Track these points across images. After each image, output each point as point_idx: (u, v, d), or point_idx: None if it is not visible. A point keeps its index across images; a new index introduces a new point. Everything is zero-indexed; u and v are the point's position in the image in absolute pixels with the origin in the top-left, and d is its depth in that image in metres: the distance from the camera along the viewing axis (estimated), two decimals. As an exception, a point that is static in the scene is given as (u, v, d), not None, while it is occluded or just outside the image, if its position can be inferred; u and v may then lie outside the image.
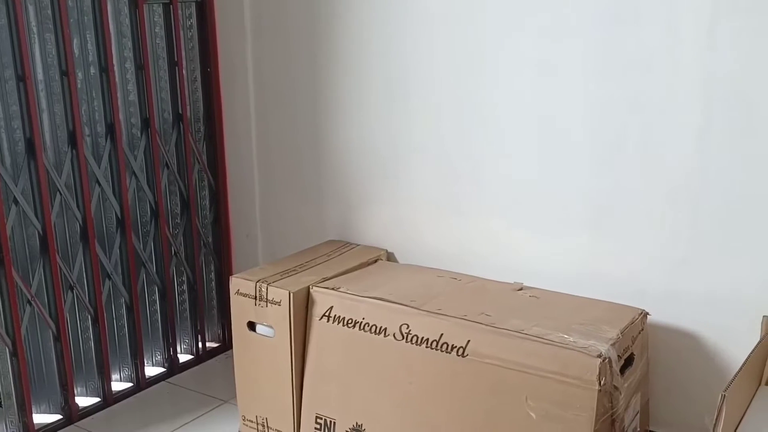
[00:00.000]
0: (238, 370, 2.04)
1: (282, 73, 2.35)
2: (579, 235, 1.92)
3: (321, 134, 2.30)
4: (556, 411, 1.56)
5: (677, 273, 1.80)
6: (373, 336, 1.80)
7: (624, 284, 1.87)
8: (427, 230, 2.16)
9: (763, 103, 1.63)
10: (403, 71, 2.10)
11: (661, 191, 1.79)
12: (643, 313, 1.77)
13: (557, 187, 1.93)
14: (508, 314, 1.73)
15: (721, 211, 1.72)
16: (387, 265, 2.15)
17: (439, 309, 1.76)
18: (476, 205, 2.06)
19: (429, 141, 2.11)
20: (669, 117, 1.74)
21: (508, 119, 1.96)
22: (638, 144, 1.79)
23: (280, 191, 2.46)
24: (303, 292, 1.90)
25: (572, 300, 1.86)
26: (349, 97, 2.22)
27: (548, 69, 1.87)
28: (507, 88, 1.94)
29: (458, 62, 2.01)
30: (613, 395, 1.58)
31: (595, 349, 1.54)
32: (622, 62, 1.77)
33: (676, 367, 1.86)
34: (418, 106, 2.10)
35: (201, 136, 2.45)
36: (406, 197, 2.19)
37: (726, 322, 1.77)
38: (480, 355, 1.66)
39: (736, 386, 1.37)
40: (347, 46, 2.18)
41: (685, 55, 1.70)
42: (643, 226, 1.83)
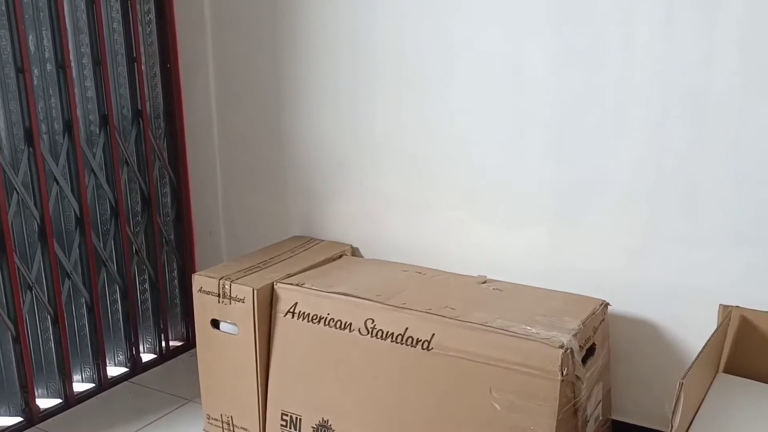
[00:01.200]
0: (201, 368, 2.02)
1: (244, 67, 2.33)
2: (541, 227, 1.95)
3: (284, 129, 2.29)
4: (519, 402, 1.58)
5: (636, 263, 1.84)
6: (338, 331, 1.80)
7: (585, 275, 1.90)
8: (392, 225, 2.17)
9: (716, 94, 1.66)
10: (368, 66, 2.10)
11: (619, 183, 1.81)
12: (603, 304, 1.80)
13: (520, 181, 1.95)
14: (472, 307, 1.74)
15: (676, 202, 1.76)
16: (352, 260, 2.16)
17: (403, 303, 1.76)
18: (440, 200, 2.07)
19: (393, 136, 2.11)
20: (625, 110, 1.77)
21: (470, 114, 1.97)
22: (597, 137, 1.82)
23: (243, 187, 2.44)
24: (267, 289, 1.89)
25: (535, 292, 1.88)
26: (313, 92, 2.21)
27: (510, 65, 1.89)
28: (469, 84, 1.96)
29: (423, 59, 2.01)
30: (576, 385, 1.60)
31: (557, 340, 1.57)
32: (580, 56, 1.79)
33: (637, 356, 1.90)
34: (382, 101, 2.10)
35: (161, 132, 2.42)
36: (370, 192, 2.19)
37: (684, 311, 1.80)
38: (445, 348, 1.67)
39: (693, 374, 1.39)
40: (311, 41, 2.17)
41: (640, 48, 1.72)
42: (603, 218, 1.86)
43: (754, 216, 1.68)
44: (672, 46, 1.69)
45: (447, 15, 1.95)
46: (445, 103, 2.01)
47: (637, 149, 1.78)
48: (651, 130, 1.75)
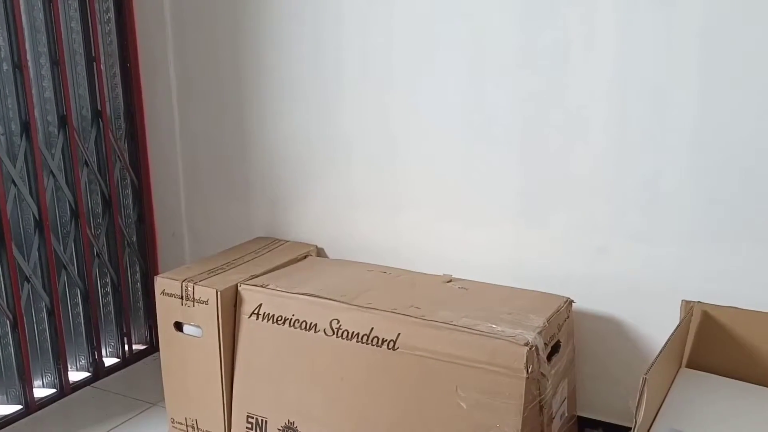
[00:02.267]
0: (165, 371, 1.99)
1: (206, 66, 2.30)
2: (505, 226, 1.95)
3: (248, 129, 2.27)
4: (485, 400, 1.58)
5: (599, 261, 1.85)
6: (303, 332, 1.79)
7: (550, 273, 1.91)
8: (357, 225, 2.16)
9: (674, 93, 1.68)
10: (333, 66, 2.09)
11: (582, 181, 1.83)
12: (568, 301, 1.81)
13: (484, 180, 1.95)
14: (438, 306, 1.74)
15: (638, 200, 1.77)
16: (317, 261, 2.14)
17: (369, 303, 1.75)
18: (405, 199, 2.07)
19: (357, 136, 2.10)
20: (587, 109, 1.78)
21: (434, 114, 1.97)
22: (559, 135, 1.83)
23: (206, 188, 2.41)
24: (231, 291, 1.87)
25: (500, 290, 1.88)
26: (278, 91, 2.19)
27: (473, 65, 1.89)
28: (433, 83, 1.95)
29: (387, 58, 2.00)
30: (541, 382, 1.61)
31: (522, 338, 1.57)
32: (542, 56, 1.80)
33: (601, 353, 1.91)
34: (346, 100, 2.09)
35: (122, 133, 2.39)
36: (335, 192, 2.18)
37: (647, 306, 1.82)
38: (410, 348, 1.66)
39: (656, 369, 1.40)
40: (275, 39, 2.15)
41: (600, 47, 1.73)
42: (567, 216, 1.87)
43: (713, 212, 1.70)
44: (631, 45, 1.70)
45: (412, 16, 1.94)
46: (409, 103, 2.00)
47: (599, 147, 1.79)
48: (612, 128, 1.76)
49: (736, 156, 1.65)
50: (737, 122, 1.64)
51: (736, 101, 1.63)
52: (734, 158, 1.65)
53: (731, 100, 1.63)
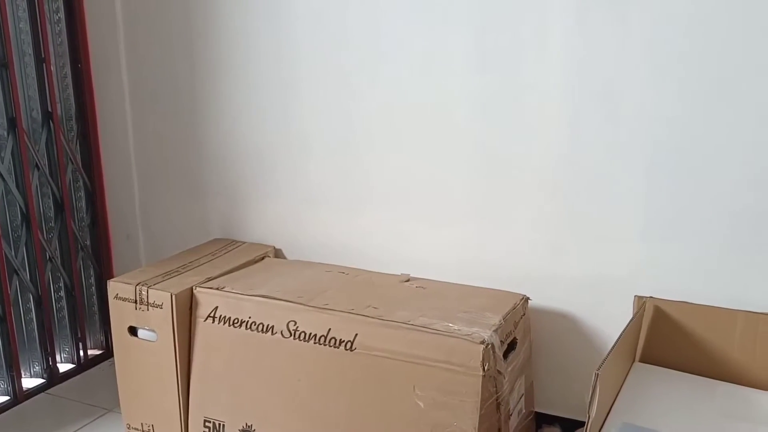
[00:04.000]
0: (120, 377, 1.96)
1: (158, 65, 2.27)
2: (463, 225, 1.96)
3: (203, 129, 2.25)
4: (443, 398, 1.59)
5: (555, 258, 1.87)
6: (260, 335, 1.77)
7: (506, 271, 1.92)
8: (315, 225, 2.15)
9: (627, 93, 1.70)
10: (290, 64, 2.07)
11: (538, 180, 1.84)
12: (524, 299, 1.83)
13: (441, 179, 1.95)
14: (395, 306, 1.74)
15: (592, 198, 1.79)
16: (274, 262, 2.13)
17: (326, 304, 1.75)
18: (363, 199, 2.07)
19: (315, 135, 2.09)
20: (543, 108, 1.79)
21: (393, 113, 1.97)
22: (516, 134, 1.84)
23: (161, 190, 2.38)
24: (186, 294, 1.85)
25: (457, 289, 1.89)
26: (232, 90, 2.17)
27: (432, 63, 1.89)
28: (392, 83, 1.95)
29: (344, 56, 2.00)
30: (497, 379, 1.62)
31: (478, 336, 1.58)
32: (499, 55, 1.81)
33: (558, 349, 1.93)
34: (304, 99, 2.08)
35: (74, 134, 2.34)
36: (292, 192, 2.17)
37: (601, 303, 1.84)
38: (368, 348, 1.66)
39: (609, 364, 1.42)
40: (231, 38, 2.13)
41: (555, 47, 1.75)
42: (523, 215, 1.88)
43: (664, 210, 1.73)
44: (584, 45, 1.72)
45: (371, 13, 1.94)
46: (368, 101, 2.00)
47: (555, 146, 1.81)
48: (567, 129, 1.78)
49: (685, 156, 1.68)
50: (687, 123, 1.66)
51: (687, 102, 1.65)
52: (684, 158, 1.68)
53: (682, 101, 1.66)
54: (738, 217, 1.66)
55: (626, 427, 1.45)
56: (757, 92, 1.59)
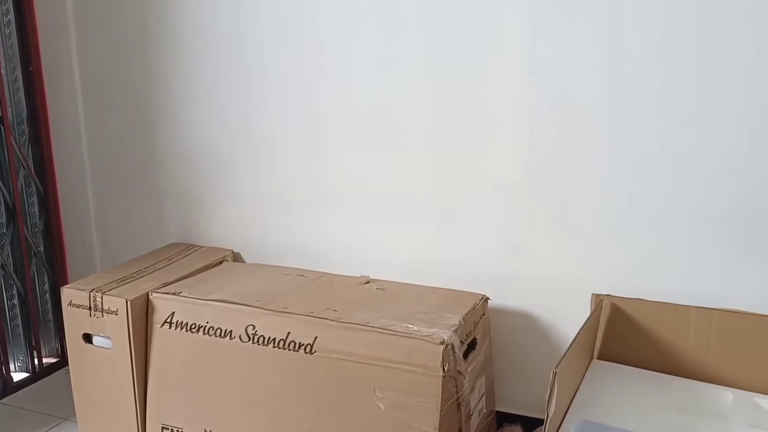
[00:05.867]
0: (75, 385, 1.93)
1: (113, 67, 2.23)
2: (421, 225, 1.96)
3: (158, 132, 2.22)
4: (403, 400, 1.58)
5: (513, 257, 1.88)
6: (218, 339, 1.75)
7: (466, 271, 1.93)
8: (273, 228, 2.14)
9: (579, 93, 1.72)
10: (249, 65, 2.05)
11: (495, 179, 1.85)
12: (483, 299, 1.83)
13: (399, 180, 1.95)
14: (355, 308, 1.73)
15: (548, 197, 1.81)
16: (232, 266, 2.11)
17: (285, 308, 1.73)
18: (320, 200, 2.05)
19: (270, 136, 2.07)
20: (498, 109, 1.80)
21: (347, 113, 1.96)
22: (472, 134, 1.85)
23: (116, 194, 2.34)
24: (142, 299, 1.82)
25: (417, 290, 1.89)
26: (188, 93, 2.14)
27: (387, 64, 1.89)
28: (347, 83, 1.95)
29: (298, 57, 1.98)
30: (458, 380, 1.62)
31: (438, 337, 1.58)
32: (455, 56, 1.81)
33: (517, 348, 1.94)
34: (263, 101, 2.06)
35: (25, 139, 2.29)
36: (249, 195, 2.15)
37: (560, 301, 1.86)
38: (327, 351, 1.65)
39: (567, 362, 1.43)
40: (188, 39, 2.10)
41: (509, 48, 1.76)
42: (481, 215, 1.89)
43: (617, 209, 1.75)
44: (541, 45, 1.73)
45: (333, 14, 1.93)
46: (322, 102, 1.99)
47: (510, 146, 1.82)
48: (521, 127, 1.79)
49: (640, 155, 1.70)
50: (644, 121, 1.68)
51: (637, 103, 1.68)
52: (639, 157, 1.70)
53: (632, 102, 1.68)
54: (691, 214, 1.69)
55: (584, 424, 1.46)
56: (712, 91, 1.61)
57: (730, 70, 1.59)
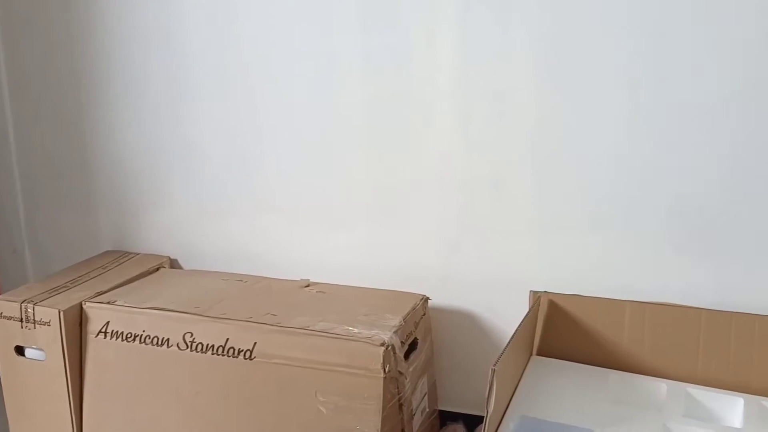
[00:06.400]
0: (7, 399, 1.86)
1: (41, 72, 2.17)
2: (360, 227, 1.96)
3: (91, 137, 2.16)
4: (345, 403, 1.58)
5: (453, 256, 1.89)
6: (155, 348, 1.72)
7: (406, 272, 1.93)
8: (211, 233, 2.11)
9: (514, 90, 1.74)
10: (182, 67, 2.02)
11: (432, 179, 1.86)
12: (424, 299, 1.84)
13: (338, 181, 1.95)
14: (295, 312, 1.72)
15: (486, 195, 1.82)
16: (170, 273, 2.07)
17: (223, 313, 1.71)
18: (258, 204, 2.03)
19: (204, 139, 2.04)
20: (433, 106, 1.81)
21: (282, 115, 1.95)
22: (408, 133, 1.85)
23: (48, 202, 2.28)
24: (75, 309, 1.77)
25: (358, 292, 1.89)
26: (121, 96, 2.10)
27: (320, 64, 1.88)
28: (280, 84, 1.93)
29: (239, 58, 1.96)
30: (399, 380, 1.62)
31: (379, 338, 1.58)
32: (388, 54, 1.82)
33: (459, 347, 1.95)
34: (197, 103, 2.03)
35: (-51, 146, 2.22)
36: (186, 200, 2.11)
37: (498, 299, 1.87)
38: (267, 356, 1.63)
39: (505, 359, 1.45)
40: (117, 39, 2.05)
41: (442, 46, 1.77)
42: (420, 215, 1.89)
43: (555, 206, 1.78)
44: (470, 45, 1.75)
45: (263, 14, 1.91)
46: (256, 104, 1.97)
47: (447, 144, 1.83)
48: (457, 124, 1.80)
49: (572, 152, 1.73)
50: (572, 120, 1.71)
51: (571, 100, 1.70)
52: (569, 153, 1.73)
53: (566, 99, 1.71)
54: (624, 210, 1.72)
55: (523, 420, 1.48)
56: (635, 85, 1.65)
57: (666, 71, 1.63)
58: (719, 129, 1.61)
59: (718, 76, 1.59)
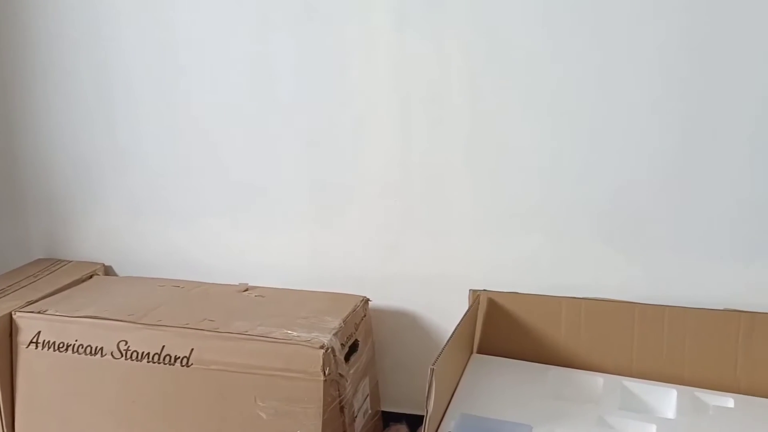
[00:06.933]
0: (-67, 416, 1.80)
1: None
2: (301, 229, 1.94)
3: (19, 140, 2.09)
4: (285, 407, 1.56)
5: (392, 258, 1.89)
6: (88, 357, 1.67)
7: (347, 273, 1.93)
8: (147, 238, 2.06)
9: (449, 92, 1.75)
10: (112, 69, 1.97)
11: (372, 181, 1.86)
12: (364, 300, 1.84)
13: (275, 185, 1.93)
14: (233, 317, 1.70)
15: (424, 196, 1.83)
16: (104, 280, 2.02)
17: (159, 320, 1.68)
18: (195, 208, 2.00)
19: (141, 144, 2.00)
20: (372, 110, 1.81)
21: (220, 118, 1.92)
22: (349, 136, 1.84)
23: (-25, 210, 2.21)
24: (5, 320, 1.71)
25: (297, 295, 1.87)
26: (51, 98, 2.04)
27: (257, 67, 1.86)
28: (218, 86, 1.90)
29: (171, 59, 1.93)
30: (340, 383, 1.61)
31: (318, 341, 1.56)
32: (325, 57, 1.81)
33: (400, 348, 1.96)
34: (129, 106, 1.99)
35: None
36: (120, 205, 2.07)
37: (438, 299, 1.88)
38: (205, 363, 1.61)
39: (444, 358, 1.45)
40: (44, 39, 2.00)
41: (380, 50, 1.77)
42: (358, 217, 1.89)
43: (491, 205, 1.79)
44: (406, 49, 1.75)
45: (194, 15, 1.88)
46: (191, 108, 1.94)
47: (386, 147, 1.83)
48: (396, 128, 1.81)
49: (507, 154, 1.75)
50: (507, 123, 1.73)
51: (505, 104, 1.72)
52: (507, 154, 1.75)
53: (500, 102, 1.72)
54: (559, 209, 1.75)
55: (464, 417, 1.49)
56: (566, 87, 1.68)
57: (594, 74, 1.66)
58: (649, 129, 1.65)
59: (647, 79, 1.62)
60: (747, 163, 1.61)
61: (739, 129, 1.60)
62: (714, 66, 1.58)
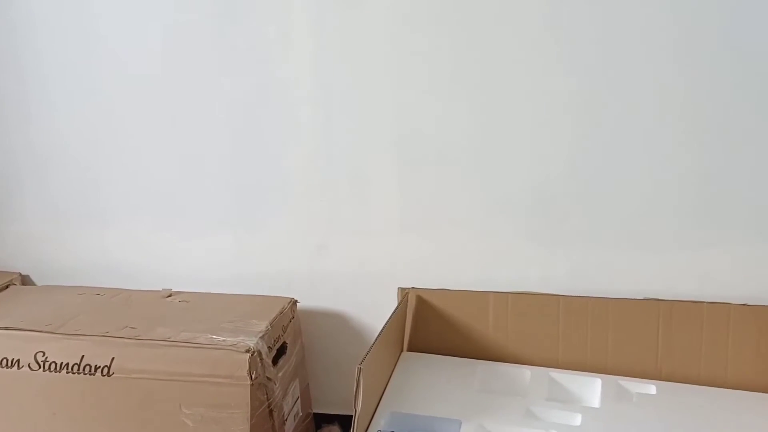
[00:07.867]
0: None
1: None
2: (225, 232, 1.91)
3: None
4: (211, 413, 1.53)
5: (319, 258, 1.87)
6: (4, 370, 1.60)
7: (274, 276, 1.90)
8: (64, 246, 1.99)
9: (370, 90, 1.74)
10: (26, 73, 1.90)
11: (296, 181, 1.84)
12: (292, 302, 1.81)
13: (198, 186, 1.89)
14: (155, 324, 1.66)
15: (349, 196, 1.82)
16: (20, 290, 1.95)
17: (77, 330, 1.62)
18: (112, 214, 1.95)
19: (54, 148, 1.94)
20: (295, 109, 1.79)
21: (140, 117, 1.87)
22: (271, 136, 1.82)
23: None
24: None
25: (224, 299, 1.84)
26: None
27: (177, 66, 1.82)
28: (135, 89, 1.85)
29: (82, 62, 1.87)
30: (268, 386, 1.59)
31: (244, 345, 1.54)
32: (247, 56, 1.78)
33: (330, 348, 1.94)
34: (43, 110, 1.92)
35: None
36: (37, 212, 1.99)
37: (368, 298, 1.88)
38: (127, 371, 1.56)
39: (372, 357, 1.45)
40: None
41: (298, 49, 1.75)
42: (285, 217, 1.87)
43: (416, 204, 1.79)
44: (322, 47, 1.74)
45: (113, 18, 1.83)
46: (113, 110, 1.88)
47: (309, 147, 1.81)
48: (318, 127, 1.79)
49: (431, 151, 1.75)
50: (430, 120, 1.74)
51: (425, 101, 1.73)
52: (429, 153, 1.75)
53: (421, 99, 1.73)
54: (482, 205, 1.77)
55: (393, 415, 1.48)
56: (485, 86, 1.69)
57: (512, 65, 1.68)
58: (562, 126, 1.68)
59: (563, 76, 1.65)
60: (656, 157, 1.65)
61: (641, 125, 1.64)
62: (617, 62, 1.62)
